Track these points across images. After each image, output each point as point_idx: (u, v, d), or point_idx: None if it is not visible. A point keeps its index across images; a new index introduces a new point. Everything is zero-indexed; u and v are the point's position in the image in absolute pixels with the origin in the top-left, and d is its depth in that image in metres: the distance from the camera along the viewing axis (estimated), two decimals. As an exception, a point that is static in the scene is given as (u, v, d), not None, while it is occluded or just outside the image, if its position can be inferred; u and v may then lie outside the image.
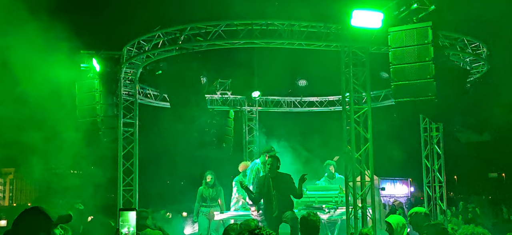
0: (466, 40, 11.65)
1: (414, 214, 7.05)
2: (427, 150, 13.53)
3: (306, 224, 6.32)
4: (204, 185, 12.25)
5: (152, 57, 11.91)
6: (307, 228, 6.32)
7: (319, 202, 10.92)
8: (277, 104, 16.56)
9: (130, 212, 3.84)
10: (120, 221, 3.81)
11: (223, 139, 15.00)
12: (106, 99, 11.95)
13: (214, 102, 15.61)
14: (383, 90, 14.82)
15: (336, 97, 15.94)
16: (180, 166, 14.23)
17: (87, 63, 11.83)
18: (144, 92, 14.09)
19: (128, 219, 3.80)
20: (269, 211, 8.83)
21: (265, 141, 15.51)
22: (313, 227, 6.29)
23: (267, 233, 2.26)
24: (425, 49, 9.21)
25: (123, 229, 3.78)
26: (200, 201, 12.20)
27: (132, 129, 12.51)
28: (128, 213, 3.82)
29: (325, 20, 10.63)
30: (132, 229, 3.78)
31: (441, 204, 13.21)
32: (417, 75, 9.28)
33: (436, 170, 13.36)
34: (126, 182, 12.23)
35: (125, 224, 3.79)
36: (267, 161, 9.25)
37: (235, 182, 11.49)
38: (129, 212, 3.83)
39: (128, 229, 3.78)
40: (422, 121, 13.65)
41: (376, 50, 11.01)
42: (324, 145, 14.18)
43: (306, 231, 6.35)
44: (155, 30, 11.16)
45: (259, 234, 2.25)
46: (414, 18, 9.54)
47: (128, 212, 3.83)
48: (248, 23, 10.61)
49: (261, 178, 9.47)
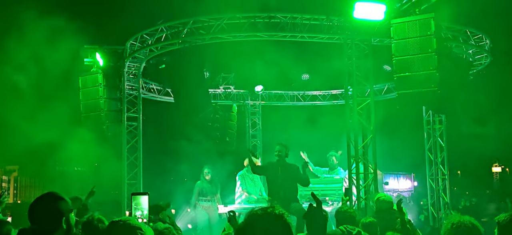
0: (469, 31, 11.64)
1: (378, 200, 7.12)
2: (430, 143, 13.51)
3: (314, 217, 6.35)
4: (203, 179, 12.20)
5: (155, 51, 11.95)
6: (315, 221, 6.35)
7: (322, 195, 10.93)
8: (280, 98, 16.58)
9: (143, 196, 3.88)
10: (133, 205, 3.85)
11: (226, 133, 15.04)
12: (110, 94, 12.01)
13: (217, 96, 15.64)
14: (386, 83, 14.82)
15: (339, 90, 15.93)
16: (183, 161, 14.23)
17: (90, 58, 11.89)
18: (148, 86, 14.14)
19: (140, 203, 3.84)
20: (275, 196, 8.86)
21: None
22: (322, 220, 6.34)
23: (280, 212, 2.30)
24: (427, 41, 9.21)
25: (136, 212, 3.82)
26: (197, 195, 12.15)
27: (136, 123, 12.56)
28: (140, 197, 3.87)
29: (327, 13, 10.65)
30: (145, 212, 3.82)
31: (444, 197, 13.20)
32: (419, 67, 9.29)
33: (439, 163, 13.35)
34: (130, 176, 12.29)
35: (139, 208, 3.83)
36: (275, 148, 9.26)
37: (239, 176, 11.47)
38: (141, 196, 3.87)
39: (142, 212, 3.82)
40: (425, 114, 13.62)
41: (378, 42, 11.02)
42: (327, 138, 14.18)
43: (314, 223, 6.37)
44: (158, 24, 11.20)
45: (272, 212, 2.29)
46: (417, 10, 9.55)
47: (141, 196, 3.87)
48: (251, 16, 10.63)
49: (270, 162, 9.49)
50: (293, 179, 8.97)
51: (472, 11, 10.84)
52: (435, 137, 13.41)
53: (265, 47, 11.74)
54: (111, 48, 12.13)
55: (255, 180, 11.18)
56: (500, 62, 11.82)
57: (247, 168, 11.48)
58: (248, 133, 16.42)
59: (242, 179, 11.24)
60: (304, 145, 13.41)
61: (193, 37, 11.07)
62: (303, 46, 12.14)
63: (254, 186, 11.22)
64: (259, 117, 16.55)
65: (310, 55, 13.14)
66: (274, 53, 11.94)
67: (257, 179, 11.14)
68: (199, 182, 12.25)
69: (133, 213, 3.81)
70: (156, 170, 15.56)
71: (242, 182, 11.30)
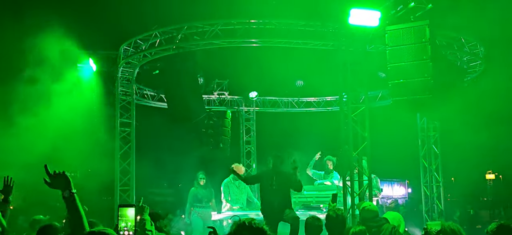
0: (464, 39, 11.66)
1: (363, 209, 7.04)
2: (424, 150, 13.50)
3: (310, 228, 6.34)
4: (197, 185, 12.09)
5: (149, 56, 11.89)
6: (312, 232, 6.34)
7: (316, 202, 10.88)
8: (275, 105, 16.54)
9: (129, 208, 3.84)
10: (118, 216, 3.80)
11: (220, 140, 14.98)
12: (103, 99, 11.93)
13: (212, 102, 15.58)
14: (380, 90, 14.81)
15: (333, 97, 15.92)
16: (177, 167, 14.16)
17: (83, 63, 11.80)
18: (141, 92, 14.06)
19: (126, 215, 3.80)
20: (268, 206, 8.78)
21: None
22: (317, 230, 6.33)
23: (256, 224, 2.30)
24: (422, 48, 9.20)
25: (121, 224, 3.77)
26: (192, 202, 12.03)
27: (129, 129, 12.47)
28: (127, 209, 3.83)
29: (322, 19, 10.63)
30: (130, 224, 3.77)
31: (438, 204, 13.18)
32: (414, 73, 9.28)
33: (433, 170, 13.34)
34: (123, 182, 12.19)
35: (123, 219, 3.78)
36: (269, 161, 9.18)
37: (223, 186, 11.26)
38: (127, 208, 3.84)
39: (126, 224, 3.77)
40: (419, 120, 13.61)
41: (373, 49, 11.01)
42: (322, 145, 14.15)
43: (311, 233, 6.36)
44: (152, 29, 11.14)
45: (251, 224, 2.28)
46: (411, 17, 9.54)
47: (127, 208, 3.83)
48: (245, 22, 10.60)
49: (265, 170, 9.42)
50: (287, 186, 8.90)
51: (467, 18, 10.85)
52: (430, 144, 13.40)
53: (260, 53, 11.73)
54: (104, 53, 12.07)
55: (241, 187, 11.06)
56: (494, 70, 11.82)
57: (233, 175, 11.32)
58: (242, 140, 16.36)
59: (226, 188, 11.10)
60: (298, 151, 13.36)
61: (187, 43, 11.03)
62: (298, 52, 12.12)
63: (240, 193, 11.10)
64: (253, 123, 16.49)
65: (304, 61, 13.12)
66: (268, 59, 11.91)
67: (243, 186, 11.00)
68: (193, 188, 12.12)
69: (119, 225, 3.75)
70: (149, 176, 15.45)
71: (225, 192, 11.16)
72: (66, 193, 3.05)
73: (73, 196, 3.05)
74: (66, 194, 3.05)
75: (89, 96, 11.79)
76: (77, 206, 3.05)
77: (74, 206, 3.04)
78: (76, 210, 3.05)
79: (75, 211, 3.05)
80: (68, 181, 3.07)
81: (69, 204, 3.05)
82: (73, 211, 3.05)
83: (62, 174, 3.09)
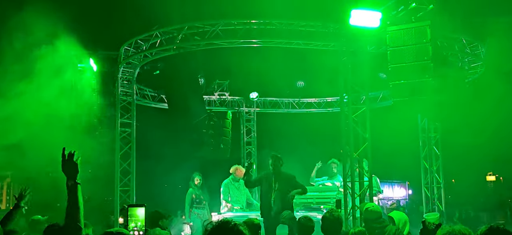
0: (465, 40, 11.63)
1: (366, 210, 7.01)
2: (425, 151, 13.47)
3: (302, 227, 6.34)
4: (193, 186, 12.04)
5: (150, 56, 11.87)
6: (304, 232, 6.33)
7: (317, 203, 10.85)
8: (275, 105, 16.53)
9: (139, 208, 3.88)
10: (128, 216, 3.83)
11: (221, 140, 14.96)
12: (104, 99, 11.93)
13: (212, 103, 15.57)
14: (381, 91, 14.78)
15: (334, 98, 15.89)
16: (177, 168, 14.14)
17: (84, 63, 11.79)
18: (142, 93, 14.04)
19: (136, 215, 3.83)
20: (267, 209, 8.74)
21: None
22: (308, 230, 6.32)
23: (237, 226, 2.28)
24: (423, 48, 9.19)
25: (131, 223, 3.80)
26: (191, 203, 12.00)
27: (130, 129, 12.45)
28: (136, 209, 3.86)
29: (323, 20, 10.61)
30: (140, 224, 3.80)
31: (439, 205, 13.15)
32: (415, 74, 9.26)
33: (434, 171, 13.31)
34: (123, 183, 12.17)
35: (133, 219, 3.81)
36: (269, 161, 9.12)
37: (223, 186, 11.22)
38: (137, 208, 3.87)
39: (136, 223, 3.80)
40: (420, 121, 13.58)
41: (374, 49, 10.99)
42: (322, 146, 14.13)
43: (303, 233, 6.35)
44: (152, 29, 11.12)
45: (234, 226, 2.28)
46: (413, 18, 9.52)
47: (137, 208, 3.87)
48: (246, 22, 10.58)
49: (265, 173, 9.36)
50: (289, 188, 8.82)
51: (468, 19, 10.83)
52: (431, 145, 13.37)
53: (261, 54, 11.70)
54: (105, 53, 12.06)
55: (240, 188, 11.04)
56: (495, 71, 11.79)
57: (233, 176, 11.32)
58: (242, 140, 16.35)
59: (225, 188, 11.07)
60: (299, 152, 13.35)
61: (188, 43, 11.01)
62: (299, 53, 12.10)
63: (240, 194, 11.08)
64: (254, 124, 16.48)
65: (305, 62, 13.11)
66: (269, 60, 11.90)
67: (242, 187, 10.96)
68: (191, 189, 12.09)
69: (129, 225, 3.76)
70: (149, 177, 15.44)
71: (225, 192, 11.13)
72: (70, 182, 3.09)
73: (76, 187, 3.09)
74: (70, 182, 3.09)
75: (90, 96, 11.77)
76: (77, 197, 3.08)
77: (74, 197, 3.08)
78: (76, 201, 3.08)
79: (74, 202, 3.08)
80: (76, 171, 3.12)
81: (70, 194, 3.09)
82: (72, 202, 3.08)
83: (74, 162, 3.14)
